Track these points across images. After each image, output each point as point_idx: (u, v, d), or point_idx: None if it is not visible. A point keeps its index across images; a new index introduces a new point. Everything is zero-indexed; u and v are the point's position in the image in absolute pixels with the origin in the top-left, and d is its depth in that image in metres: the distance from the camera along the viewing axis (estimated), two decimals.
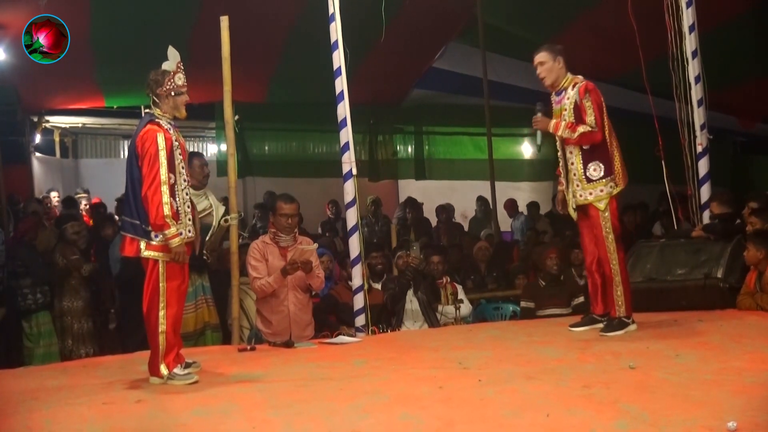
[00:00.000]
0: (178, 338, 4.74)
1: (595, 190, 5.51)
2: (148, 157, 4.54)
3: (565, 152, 5.64)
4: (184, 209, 4.68)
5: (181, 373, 4.63)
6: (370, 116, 12.93)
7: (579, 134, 5.45)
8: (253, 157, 12.87)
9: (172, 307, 4.61)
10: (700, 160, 7.16)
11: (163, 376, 4.59)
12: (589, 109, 5.45)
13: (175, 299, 4.64)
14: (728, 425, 3.11)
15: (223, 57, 6.17)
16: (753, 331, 5.26)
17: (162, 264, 4.58)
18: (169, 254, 4.57)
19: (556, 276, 7.29)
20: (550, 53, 5.60)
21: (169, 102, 4.70)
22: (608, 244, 5.52)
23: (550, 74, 5.61)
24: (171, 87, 4.68)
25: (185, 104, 4.77)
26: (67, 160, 14.24)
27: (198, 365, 4.84)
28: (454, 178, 13.90)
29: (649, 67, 7.02)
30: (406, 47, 10.39)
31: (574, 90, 5.54)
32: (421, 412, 3.70)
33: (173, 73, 4.70)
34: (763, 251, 5.93)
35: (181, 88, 4.71)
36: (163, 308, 4.58)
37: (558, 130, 5.52)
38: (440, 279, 7.24)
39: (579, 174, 5.54)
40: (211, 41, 6.53)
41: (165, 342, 4.59)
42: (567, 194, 5.72)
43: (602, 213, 5.51)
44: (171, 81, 4.68)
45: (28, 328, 7.58)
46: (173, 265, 4.61)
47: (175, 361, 4.64)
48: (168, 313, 4.58)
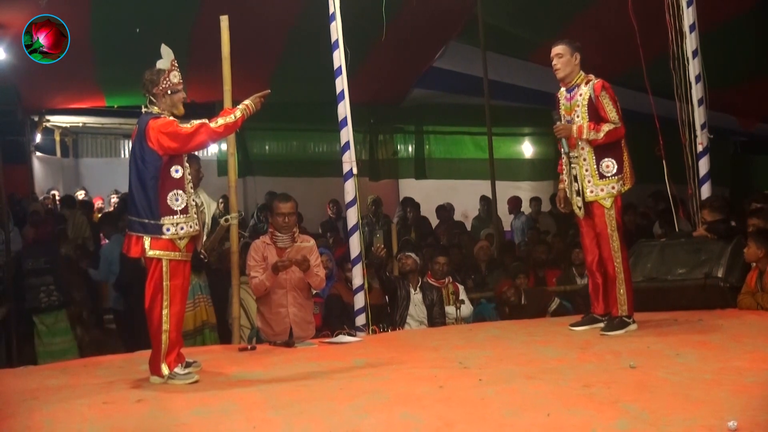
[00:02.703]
0: (180, 337, 4.74)
1: (606, 187, 5.52)
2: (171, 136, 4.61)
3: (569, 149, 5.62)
4: (190, 203, 4.70)
5: (182, 372, 4.62)
6: (370, 116, 12.94)
7: (605, 133, 5.46)
8: (254, 156, 12.88)
9: (175, 305, 4.61)
10: (701, 160, 7.16)
11: (163, 376, 4.59)
12: (608, 106, 5.48)
13: (178, 298, 4.64)
14: (728, 424, 3.10)
15: (223, 56, 6.17)
16: (753, 331, 5.25)
17: (166, 262, 4.58)
18: (174, 252, 4.60)
19: (516, 304, 7.50)
20: (569, 47, 5.61)
21: (166, 100, 4.68)
22: (612, 243, 5.53)
23: (565, 68, 5.61)
24: (167, 85, 4.66)
25: (182, 101, 4.76)
26: (68, 159, 14.26)
27: (198, 365, 4.84)
28: (454, 178, 13.90)
29: (650, 67, 7.02)
30: (407, 47, 10.40)
31: (587, 87, 5.56)
32: (422, 411, 3.70)
33: (168, 71, 4.68)
34: (763, 249, 5.93)
35: (177, 85, 4.70)
36: (167, 307, 4.57)
37: (582, 134, 5.49)
38: (443, 279, 7.24)
39: (591, 169, 5.53)
40: (211, 41, 6.53)
41: (168, 341, 4.58)
42: (569, 192, 5.71)
43: (608, 211, 5.52)
44: (166, 79, 4.66)
45: (40, 325, 7.63)
46: (177, 263, 4.62)
47: (176, 361, 4.63)
48: (171, 311, 4.58)
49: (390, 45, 8.29)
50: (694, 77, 7.11)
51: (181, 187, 4.65)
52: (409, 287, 6.89)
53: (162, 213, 4.58)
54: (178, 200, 4.63)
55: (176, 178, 4.65)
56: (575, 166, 5.63)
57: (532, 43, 10.61)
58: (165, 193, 4.61)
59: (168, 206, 4.60)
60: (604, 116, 5.49)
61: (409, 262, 7.03)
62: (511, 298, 7.55)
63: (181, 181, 4.66)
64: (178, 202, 4.63)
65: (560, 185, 5.88)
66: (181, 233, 4.61)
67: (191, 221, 4.68)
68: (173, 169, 4.64)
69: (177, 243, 4.61)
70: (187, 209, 4.66)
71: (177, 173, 4.65)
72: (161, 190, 4.59)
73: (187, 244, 4.69)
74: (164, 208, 4.60)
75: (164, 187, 4.61)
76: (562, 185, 5.85)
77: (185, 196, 4.66)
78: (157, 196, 4.57)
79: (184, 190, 4.67)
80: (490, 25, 10.04)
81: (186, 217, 4.65)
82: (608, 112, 5.47)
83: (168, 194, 4.61)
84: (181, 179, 4.66)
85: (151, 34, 9.11)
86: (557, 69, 5.63)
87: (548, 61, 5.74)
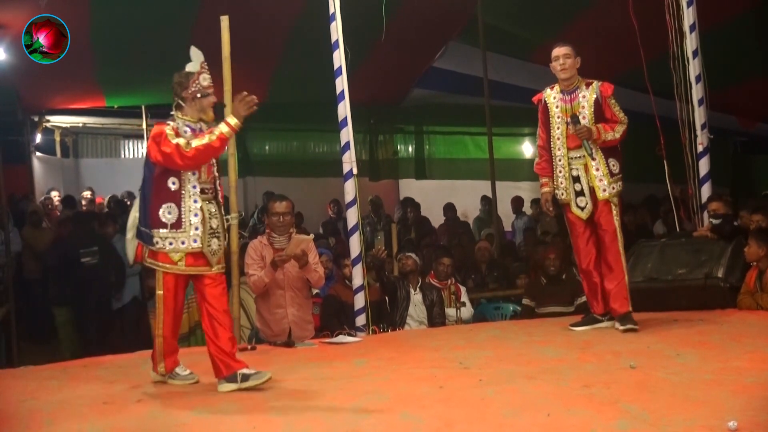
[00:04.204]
0: (176, 344, 4.73)
1: (616, 185, 5.60)
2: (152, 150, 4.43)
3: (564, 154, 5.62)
4: (189, 218, 4.46)
5: (183, 373, 4.64)
6: (370, 116, 12.93)
7: (620, 133, 5.58)
8: (254, 156, 12.87)
9: (167, 314, 4.56)
10: (701, 160, 7.16)
11: (161, 374, 4.64)
12: (616, 107, 5.61)
13: (171, 309, 4.56)
14: (729, 425, 3.10)
15: (223, 57, 6.16)
16: (753, 331, 5.25)
17: (159, 273, 4.52)
18: (168, 264, 4.47)
19: (555, 275, 7.28)
20: (574, 50, 5.67)
21: (195, 105, 4.55)
22: (619, 240, 5.60)
23: (571, 69, 5.66)
24: (196, 89, 4.53)
25: (212, 105, 4.63)
26: (68, 159, 14.25)
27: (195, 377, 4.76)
28: (454, 178, 13.89)
29: (650, 67, 7.01)
30: (407, 47, 10.39)
31: (590, 89, 5.63)
32: (422, 411, 3.70)
33: (198, 74, 4.55)
34: (764, 248, 5.92)
35: (207, 89, 4.57)
36: (160, 314, 4.55)
37: (601, 135, 5.54)
38: (446, 281, 7.24)
39: (603, 168, 5.58)
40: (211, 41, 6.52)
41: (162, 345, 4.59)
42: (567, 193, 5.69)
43: (615, 208, 5.60)
44: (196, 82, 4.54)
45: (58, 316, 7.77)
46: (170, 275, 4.50)
47: (174, 364, 4.67)
48: (164, 320, 4.55)
49: (390, 45, 8.29)
50: (695, 77, 7.11)
51: (175, 200, 4.45)
52: (409, 288, 6.89)
53: (152, 224, 4.45)
54: (171, 214, 4.43)
55: (172, 190, 4.46)
56: (576, 167, 5.64)
57: (532, 43, 10.60)
58: (158, 204, 4.45)
59: (159, 218, 4.44)
60: (610, 117, 5.58)
61: (409, 262, 7.03)
62: (550, 267, 7.22)
63: (177, 195, 4.46)
64: (170, 215, 4.43)
65: (545, 188, 5.83)
66: (168, 248, 4.44)
67: (185, 237, 4.45)
68: (170, 181, 4.46)
69: (171, 256, 4.46)
70: (181, 224, 4.44)
71: (173, 185, 4.45)
72: (155, 200, 4.46)
73: (192, 259, 4.49)
74: (155, 219, 4.45)
75: (158, 198, 4.46)
76: (547, 188, 5.81)
77: (177, 212, 4.44)
78: (150, 205, 4.47)
79: (179, 204, 4.45)
80: (490, 25, 10.04)
81: (178, 233, 4.44)
82: (616, 113, 5.60)
83: (161, 206, 4.44)
84: (176, 192, 4.45)
85: (151, 35, 9.14)
86: (565, 68, 5.64)
87: (548, 61, 5.75)
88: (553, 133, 5.73)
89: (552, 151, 5.74)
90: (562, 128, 5.68)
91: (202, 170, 4.54)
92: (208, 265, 4.52)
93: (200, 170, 4.53)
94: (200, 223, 4.47)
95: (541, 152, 5.86)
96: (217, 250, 4.57)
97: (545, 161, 5.82)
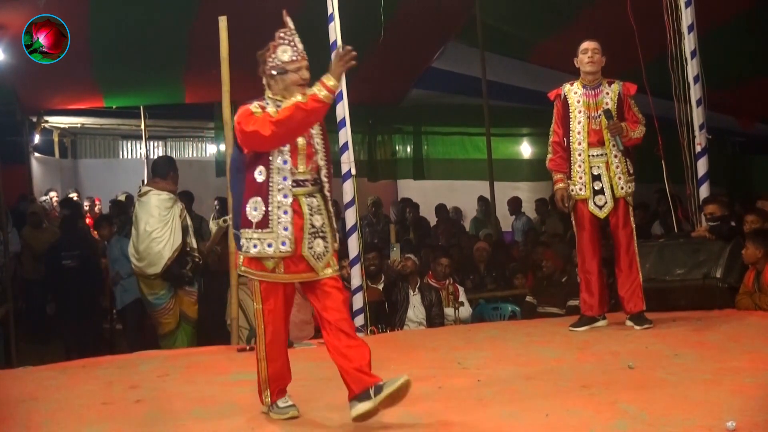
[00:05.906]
0: (283, 371, 3.88)
1: (632, 185, 5.66)
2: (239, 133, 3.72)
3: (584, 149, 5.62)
4: (277, 215, 3.72)
5: (283, 405, 3.84)
6: (368, 116, 12.92)
7: (641, 133, 5.66)
8: None
9: (269, 334, 3.80)
10: (699, 160, 7.15)
11: (264, 403, 3.88)
12: (635, 107, 5.69)
13: (272, 326, 3.79)
14: (727, 425, 3.11)
15: (221, 57, 6.16)
16: (751, 331, 5.26)
17: (256, 282, 3.80)
18: (262, 272, 3.75)
19: (552, 276, 7.34)
20: (601, 48, 5.69)
21: (277, 83, 3.79)
22: (635, 238, 5.67)
23: (598, 64, 5.68)
24: (273, 65, 3.78)
25: (305, 84, 3.78)
26: (66, 160, 14.26)
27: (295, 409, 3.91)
28: (452, 178, 13.90)
29: (648, 67, 7.01)
30: (405, 47, 10.39)
31: (613, 87, 5.66)
32: (421, 411, 3.70)
33: (273, 46, 3.80)
34: (762, 250, 5.93)
35: (288, 64, 3.77)
36: (261, 335, 3.81)
37: (629, 133, 5.59)
38: (444, 281, 7.24)
39: (623, 166, 5.61)
40: (209, 41, 6.53)
41: (266, 371, 3.82)
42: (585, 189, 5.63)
43: (631, 208, 5.66)
44: (272, 57, 3.79)
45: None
46: (268, 284, 3.77)
47: (279, 394, 3.87)
48: (266, 340, 3.79)
49: (388, 45, 8.28)
50: (693, 78, 7.11)
51: (262, 193, 3.72)
52: (408, 288, 6.89)
53: (241, 223, 3.79)
54: (256, 210, 3.72)
55: (259, 182, 3.74)
56: (598, 165, 5.63)
57: (531, 44, 10.61)
58: (247, 199, 3.77)
59: (246, 217, 3.75)
60: (631, 116, 5.64)
61: (408, 263, 7.04)
62: (545, 268, 7.28)
63: (263, 187, 3.72)
64: (256, 212, 3.72)
65: (559, 184, 5.80)
66: (252, 251, 3.72)
67: (272, 239, 3.69)
68: (257, 171, 3.75)
69: (264, 262, 3.74)
70: (267, 222, 3.70)
71: (260, 176, 3.74)
72: (245, 195, 3.79)
73: (292, 265, 3.75)
74: (243, 217, 3.77)
75: (247, 192, 3.78)
76: (561, 184, 5.78)
77: (264, 208, 3.71)
78: (240, 203, 3.84)
79: (266, 199, 3.72)
80: (488, 26, 10.05)
81: (264, 233, 3.70)
82: (636, 113, 5.67)
83: (249, 201, 3.76)
84: (263, 184, 3.72)
85: (150, 35, 9.13)
86: (593, 62, 5.65)
87: (547, 61, 5.78)
88: (573, 126, 5.67)
89: (570, 146, 5.68)
90: (583, 122, 5.62)
91: (299, 159, 3.77)
92: (312, 271, 3.76)
93: (295, 159, 3.76)
94: (290, 222, 3.71)
95: (556, 148, 5.79)
96: (322, 253, 3.78)
97: (560, 157, 5.77)
